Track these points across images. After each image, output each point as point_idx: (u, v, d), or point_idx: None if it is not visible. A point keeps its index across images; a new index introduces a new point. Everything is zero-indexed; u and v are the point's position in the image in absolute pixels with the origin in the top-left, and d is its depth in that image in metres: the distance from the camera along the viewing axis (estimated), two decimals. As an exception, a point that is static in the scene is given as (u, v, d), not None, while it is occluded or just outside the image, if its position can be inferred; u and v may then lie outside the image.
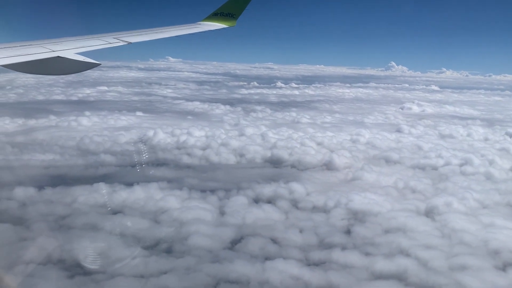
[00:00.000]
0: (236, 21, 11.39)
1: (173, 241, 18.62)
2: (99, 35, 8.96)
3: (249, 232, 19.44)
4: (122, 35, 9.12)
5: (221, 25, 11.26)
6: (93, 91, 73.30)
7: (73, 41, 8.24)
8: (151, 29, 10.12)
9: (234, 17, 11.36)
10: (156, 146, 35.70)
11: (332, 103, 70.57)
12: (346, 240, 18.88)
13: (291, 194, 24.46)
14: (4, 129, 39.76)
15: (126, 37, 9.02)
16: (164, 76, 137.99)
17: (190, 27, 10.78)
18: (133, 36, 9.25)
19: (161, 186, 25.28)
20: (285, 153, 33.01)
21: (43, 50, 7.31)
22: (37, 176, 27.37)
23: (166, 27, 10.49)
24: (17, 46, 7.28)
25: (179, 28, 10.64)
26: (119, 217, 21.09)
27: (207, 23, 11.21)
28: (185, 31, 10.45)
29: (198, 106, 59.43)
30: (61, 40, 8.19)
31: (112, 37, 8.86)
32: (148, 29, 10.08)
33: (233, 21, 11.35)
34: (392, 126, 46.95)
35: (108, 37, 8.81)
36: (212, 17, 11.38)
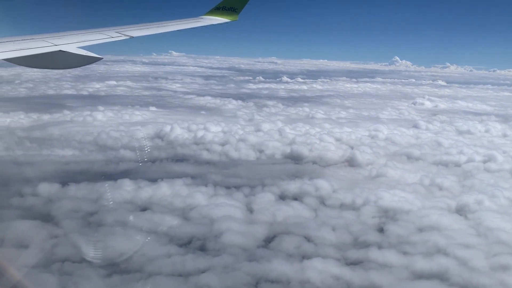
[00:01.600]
0: (238, 15, 11.33)
1: (206, 238, 18.41)
2: (101, 29, 8.93)
3: (282, 230, 19.21)
4: (124, 29, 9.09)
5: (223, 19, 11.24)
6: (102, 85, 72.97)
7: (75, 35, 8.21)
8: (153, 23, 10.08)
9: (236, 11, 11.31)
10: (174, 141, 35.43)
11: (343, 98, 70.12)
12: (381, 239, 18.62)
13: (317, 191, 24.18)
14: (20, 124, 39.54)
15: (128, 31, 8.97)
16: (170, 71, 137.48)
17: (192, 21, 10.75)
18: (135, 30, 9.20)
19: (186, 182, 25.06)
20: (305, 149, 32.70)
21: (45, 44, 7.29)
22: (59, 172, 27.17)
23: (168, 21, 10.45)
24: (19, 40, 7.28)
25: (181, 22, 10.61)
26: (148, 214, 20.88)
27: (209, 17, 11.19)
28: (187, 25, 10.41)
29: (210, 101, 59.08)
30: (63, 34, 8.18)
31: (114, 31, 8.82)
32: (150, 23, 10.03)
33: (235, 15, 11.31)
34: (408, 122, 46.57)
35: (110, 31, 8.77)
36: (214, 11, 11.36)
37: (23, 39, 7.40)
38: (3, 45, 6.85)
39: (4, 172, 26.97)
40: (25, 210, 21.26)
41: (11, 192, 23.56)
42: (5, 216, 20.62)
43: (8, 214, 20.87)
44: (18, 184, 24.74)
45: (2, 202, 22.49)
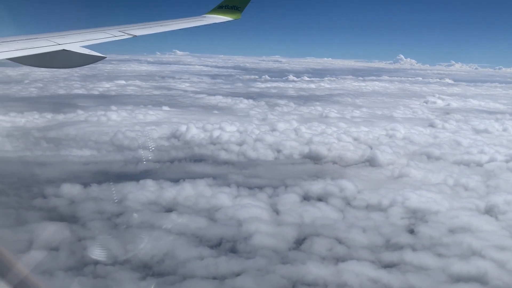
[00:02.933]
0: (241, 14, 11.30)
1: (236, 240, 18.19)
2: (104, 28, 8.86)
3: (311, 232, 18.97)
4: (127, 28, 9.01)
5: (226, 17, 11.17)
6: (112, 85, 72.88)
7: (78, 34, 8.17)
8: (156, 22, 10.01)
9: (239, 10, 11.27)
10: (191, 141, 35.25)
11: (354, 97, 69.74)
12: (413, 241, 18.36)
13: (342, 191, 23.92)
14: (35, 124, 39.48)
15: (131, 30, 8.91)
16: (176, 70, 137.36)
17: (195, 20, 10.66)
18: (138, 29, 9.14)
19: (208, 182, 24.86)
20: (324, 149, 32.44)
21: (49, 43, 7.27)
22: (79, 172, 27.04)
23: (171, 20, 10.36)
24: (22, 40, 7.25)
25: (184, 21, 10.52)
26: (174, 215, 20.69)
27: (212, 16, 11.12)
28: (190, 24, 10.34)
29: (221, 101, 58.86)
30: (67, 33, 8.13)
31: (117, 30, 8.75)
32: (153, 22, 9.96)
33: (238, 14, 11.26)
34: (423, 121, 46.21)
35: (113, 30, 8.71)
36: (217, 10, 11.29)
37: (27, 39, 7.37)
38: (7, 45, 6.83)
39: (25, 173, 26.88)
40: (49, 212, 21.14)
41: (33, 193, 23.46)
42: (31, 217, 20.48)
43: (34, 216, 20.76)
44: (40, 185, 24.62)
45: (25, 203, 22.37)
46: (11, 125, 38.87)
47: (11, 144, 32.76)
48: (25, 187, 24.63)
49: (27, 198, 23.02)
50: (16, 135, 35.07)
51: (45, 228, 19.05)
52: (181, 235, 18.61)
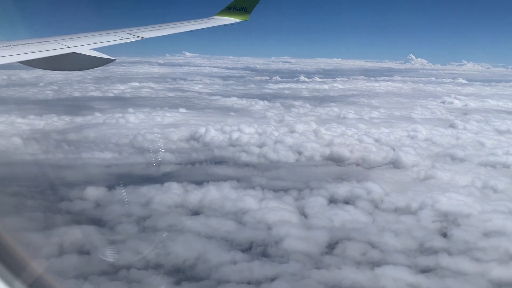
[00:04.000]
0: (249, 15, 11.27)
1: (266, 244, 17.98)
2: (113, 31, 8.91)
3: (343, 236, 18.68)
4: (136, 30, 9.08)
5: (235, 19, 11.19)
6: (126, 87, 73.07)
7: (88, 37, 8.25)
8: (164, 24, 10.07)
9: (247, 11, 11.24)
10: (210, 143, 35.13)
11: (369, 98, 69.10)
12: (448, 244, 17.99)
13: (369, 194, 23.57)
14: (54, 127, 39.67)
15: (140, 32, 8.96)
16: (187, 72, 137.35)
17: (203, 22, 10.72)
18: (147, 31, 9.19)
19: (233, 185, 24.67)
20: (346, 151, 32.09)
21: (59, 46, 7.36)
22: (103, 175, 27.04)
23: (179, 22, 10.42)
24: (34, 43, 7.36)
25: (193, 23, 10.56)
26: (202, 218, 20.54)
27: (220, 18, 11.16)
28: (199, 25, 10.40)
29: (236, 102, 58.69)
30: (76, 36, 8.22)
31: (126, 33, 8.80)
32: (161, 24, 10.02)
33: (246, 15, 11.25)
34: (442, 122, 45.57)
35: (122, 33, 8.76)
36: (225, 12, 11.31)
37: (38, 42, 7.47)
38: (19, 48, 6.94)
39: (48, 176, 26.98)
40: (77, 215, 21.12)
41: (59, 196, 23.53)
42: (59, 221, 20.49)
43: (62, 219, 20.77)
44: (64, 188, 24.66)
45: (52, 206, 22.41)
46: (30, 128, 39.06)
47: (33, 147, 32.91)
48: (50, 190, 24.73)
49: (53, 201, 23.09)
50: (36, 138, 35.22)
51: (74, 232, 19.00)
52: (211, 238, 18.45)
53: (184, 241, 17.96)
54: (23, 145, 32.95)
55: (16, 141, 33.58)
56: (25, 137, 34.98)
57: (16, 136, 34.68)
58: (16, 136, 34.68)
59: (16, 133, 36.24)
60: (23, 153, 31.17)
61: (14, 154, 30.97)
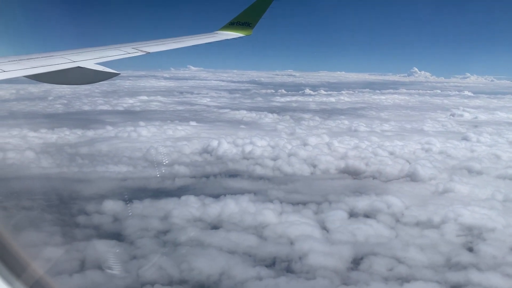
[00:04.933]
0: (252, 30, 11.40)
1: (290, 260, 17.68)
2: (117, 46, 9.03)
3: (367, 251, 18.36)
4: (140, 45, 9.20)
5: (238, 34, 11.31)
6: (135, 101, 73.38)
7: (92, 51, 8.36)
8: (168, 39, 10.19)
9: (251, 26, 11.38)
10: (223, 156, 35.00)
11: (377, 110, 69.01)
12: (476, 260, 17.63)
13: (389, 208, 23.26)
14: (67, 140, 39.67)
15: (144, 47, 9.08)
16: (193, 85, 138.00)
17: (207, 37, 10.85)
18: (151, 46, 9.31)
19: (250, 198, 24.44)
20: (361, 164, 31.86)
21: (64, 60, 7.48)
22: (118, 189, 26.90)
23: (183, 37, 10.54)
24: (39, 58, 7.47)
25: (197, 37, 10.69)
26: (222, 232, 20.28)
27: (224, 32, 11.29)
28: (202, 40, 10.53)
29: (245, 115, 58.73)
30: (81, 50, 8.34)
31: (130, 47, 8.92)
32: (165, 39, 10.15)
33: (249, 30, 11.39)
34: (455, 134, 45.29)
35: (126, 47, 8.88)
36: (229, 26, 11.44)
37: (43, 56, 7.58)
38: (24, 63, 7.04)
39: (64, 190, 26.80)
40: (95, 229, 20.92)
41: (76, 210, 23.33)
42: (78, 235, 20.27)
43: (80, 234, 20.55)
44: (81, 202, 24.51)
45: (70, 221, 22.24)
46: (43, 141, 39.08)
47: (46, 160, 32.87)
48: (66, 204, 24.55)
49: (71, 216, 22.89)
50: (49, 152, 35.22)
51: (95, 247, 18.79)
52: (234, 253, 18.18)
53: (207, 256, 17.69)
54: (37, 159, 32.92)
55: (30, 155, 33.58)
56: (38, 151, 34.97)
57: (30, 150, 34.70)
58: (30, 150, 34.70)
59: (29, 147, 36.25)
60: (37, 167, 31.13)
61: (28, 168, 30.92)
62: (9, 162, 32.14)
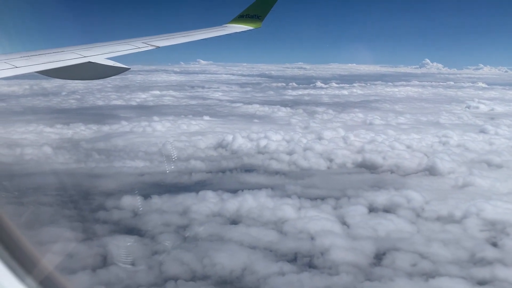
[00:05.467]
0: (261, 23, 11.34)
1: (312, 255, 17.58)
2: (128, 40, 9.06)
3: (389, 246, 18.19)
4: (150, 39, 9.20)
5: (247, 27, 11.27)
6: (148, 95, 73.60)
7: (103, 46, 8.37)
8: (178, 33, 10.17)
9: (260, 19, 11.31)
10: (238, 151, 34.93)
11: (391, 103, 68.27)
12: (501, 255, 17.34)
13: (409, 202, 23.01)
14: (83, 135, 39.96)
15: (154, 41, 9.09)
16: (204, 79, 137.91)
17: (216, 30, 10.83)
18: (161, 40, 9.31)
19: (268, 193, 24.36)
20: (378, 158, 31.54)
21: (75, 56, 7.48)
22: (136, 184, 27.02)
23: (192, 31, 10.51)
24: (50, 53, 7.48)
25: (206, 31, 10.68)
26: (242, 227, 20.25)
27: (233, 25, 11.24)
28: (212, 34, 10.51)
29: (258, 109, 58.53)
30: (92, 45, 8.37)
31: (140, 42, 8.93)
32: (175, 33, 10.12)
33: (258, 23, 11.33)
34: (472, 127, 44.60)
35: (136, 42, 8.89)
36: (238, 19, 11.39)
37: (54, 52, 7.60)
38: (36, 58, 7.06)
39: (82, 185, 27.00)
40: (115, 225, 21.03)
41: (95, 206, 23.46)
42: (99, 231, 20.40)
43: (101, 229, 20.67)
44: (99, 197, 24.67)
45: (89, 216, 22.39)
46: (59, 137, 39.43)
47: (63, 156, 33.16)
48: (85, 200, 24.72)
49: (90, 211, 23.05)
50: (66, 147, 35.51)
51: (116, 242, 18.90)
52: (254, 248, 18.14)
53: (228, 251, 17.68)
54: (54, 154, 33.21)
55: (47, 150, 33.87)
56: (55, 146, 35.28)
57: (47, 146, 35.00)
58: (47, 146, 35.00)
59: (46, 142, 36.58)
60: (55, 163, 31.40)
61: (46, 164, 31.22)
62: (27, 158, 32.44)
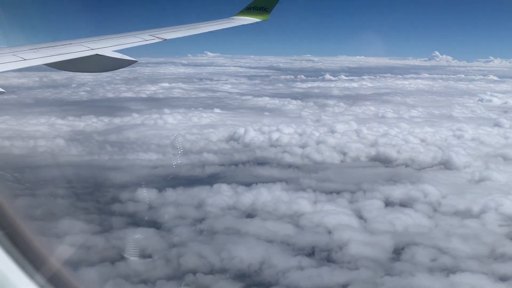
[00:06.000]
0: (269, 15, 11.30)
1: (330, 249, 17.48)
2: (135, 33, 9.06)
3: (408, 241, 18.04)
4: (157, 32, 9.20)
5: (254, 19, 11.25)
6: (157, 88, 73.56)
7: (110, 39, 8.36)
8: (185, 25, 10.15)
9: (267, 11, 11.26)
10: (251, 144, 34.82)
11: (403, 96, 67.62)
12: (522, 250, 17.09)
13: (426, 196, 22.79)
14: (94, 128, 40.05)
15: (161, 34, 9.09)
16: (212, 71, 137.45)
17: (223, 22, 10.82)
18: (168, 32, 9.29)
19: (282, 187, 24.26)
20: (392, 151, 31.26)
21: (83, 48, 7.50)
22: (150, 176, 27.03)
23: (199, 23, 10.48)
24: (58, 46, 7.50)
25: (213, 23, 10.67)
26: (258, 221, 20.19)
27: (240, 18, 11.22)
28: (219, 26, 10.51)
29: (268, 102, 58.25)
30: (99, 38, 8.36)
31: (148, 35, 8.92)
32: (182, 26, 10.11)
33: (266, 15, 11.28)
34: (486, 120, 44.05)
35: (144, 35, 8.88)
36: (245, 12, 11.37)
37: (62, 44, 7.62)
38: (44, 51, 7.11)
39: (96, 178, 27.06)
40: (131, 217, 21.06)
41: (110, 198, 23.53)
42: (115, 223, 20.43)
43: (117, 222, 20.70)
44: (114, 190, 24.71)
45: (105, 209, 22.43)
46: (71, 129, 39.53)
47: (77, 148, 33.25)
48: (100, 192, 24.78)
49: (105, 204, 23.09)
50: (79, 139, 35.59)
51: (133, 235, 18.93)
52: (272, 242, 18.08)
53: (246, 245, 17.63)
54: (67, 147, 33.33)
55: (60, 142, 34.01)
56: (67, 138, 35.40)
57: (59, 138, 35.13)
58: (59, 138, 35.13)
59: (58, 134, 36.72)
60: (68, 155, 31.52)
61: (60, 156, 31.36)
62: (41, 150, 32.58)
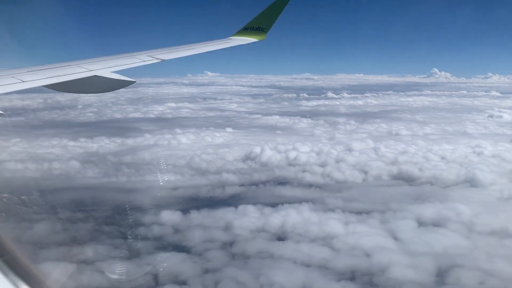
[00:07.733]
0: (266, 35, 11.43)
1: (372, 273, 16.84)
2: (133, 54, 9.13)
3: (450, 263, 17.41)
4: (155, 52, 9.28)
5: (251, 39, 11.36)
6: (164, 108, 73.50)
7: (108, 60, 8.46)
8: (183, 46, 10.25)
9: (264, 31, 11.40)
10: (268, 163, 34.36)
11: (411, 113, 67.50)
12: None
13: (458, 216, 22.21)
14: (108, 149, 39.60)
15: (159, 54, 9.17)
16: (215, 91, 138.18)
17: (221, 43, 10.92)
18: (166, 53, 9.38)
19: (310, 207, 23.70)
20: (415, 169, 30.78)
21: (81, 69, 7.57)
22: (172, 198, 26.46)
23: (197, 43, 10.59)
24: (56, 67, 7.59)
25: (210, 44, 10.77)
26: (290, 243, 19.57)
27: (237, 38, 11.33)
28: (216, 46, 10.60)
29: (279, 120, 58.05)
30: (97, 59, 8.46)
31: (145, 55, 8.99)
32: (179, 46, 10.21)
33: (263, 35, 11.42)
34: (502, 137, 43.71)
35: (142, 55, 8.97)
36: (243, 32, 11.47)
37: (61, 66, 7.69)
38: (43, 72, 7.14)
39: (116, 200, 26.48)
40: (158, 241, 20.45)
41: (133, 222, 22.93)
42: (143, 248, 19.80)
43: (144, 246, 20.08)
44: (136, 213, 24.14)
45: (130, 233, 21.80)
46: (84, 151, 39.09)
47: (92, 170, 32.71)
48: (122, 215, 24.19)
49: (129, 227, 22.48)
50: (93, 161, 35.10)
51: (164, 260, 18.29)
52: (309, 266, 17.45)
53: (283, 269, 16.99)
54: (83, 169, 32.79)
55: (75, 164, 33.51)
56: (82, 160, 34.91)
57: (74, 160, 34.67)
58: (74, 160, 34.67)
59: (72, 156, 36.27)
60: (85, 177, 30.99)
61: (76, 178, 30.80)
62: (56, 172, 32.07)
